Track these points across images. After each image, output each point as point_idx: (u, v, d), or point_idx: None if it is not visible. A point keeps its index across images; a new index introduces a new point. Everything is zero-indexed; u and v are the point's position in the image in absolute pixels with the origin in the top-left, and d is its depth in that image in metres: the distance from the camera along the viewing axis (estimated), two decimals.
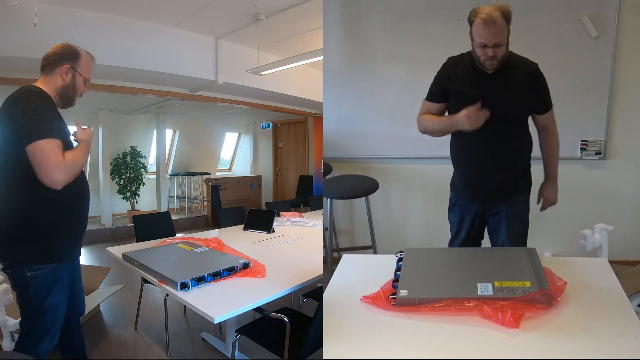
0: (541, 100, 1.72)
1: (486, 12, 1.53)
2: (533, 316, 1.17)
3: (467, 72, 1.69)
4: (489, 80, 1.65)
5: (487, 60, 1.59)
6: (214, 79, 4.26)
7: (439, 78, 1.76)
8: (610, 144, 2.85)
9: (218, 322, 1.44)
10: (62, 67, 1.57)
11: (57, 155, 1.37)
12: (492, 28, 1.53)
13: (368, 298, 1.31)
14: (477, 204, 1.80)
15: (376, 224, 3.04)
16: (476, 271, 1.38)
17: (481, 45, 1.57)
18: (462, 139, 1.76)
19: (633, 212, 2.91)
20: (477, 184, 1.77)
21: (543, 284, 1.24)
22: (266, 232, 2.86)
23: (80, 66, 1.62)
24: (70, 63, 1.59)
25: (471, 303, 1.22)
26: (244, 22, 3.72)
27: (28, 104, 1.41)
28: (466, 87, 1.68)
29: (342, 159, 3.19)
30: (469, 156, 1.78)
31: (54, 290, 1.51)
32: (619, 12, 2.64)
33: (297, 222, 3.24)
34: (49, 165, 1.34)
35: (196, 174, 7.42)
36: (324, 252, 2.70)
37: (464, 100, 1.65)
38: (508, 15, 1.55)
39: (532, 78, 1.66)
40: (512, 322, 1.13)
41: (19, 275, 1.45)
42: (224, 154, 8.87)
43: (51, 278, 1.49)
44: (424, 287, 1.32)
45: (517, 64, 1.66)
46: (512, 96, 1.66)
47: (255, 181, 7.68)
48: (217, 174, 8.46)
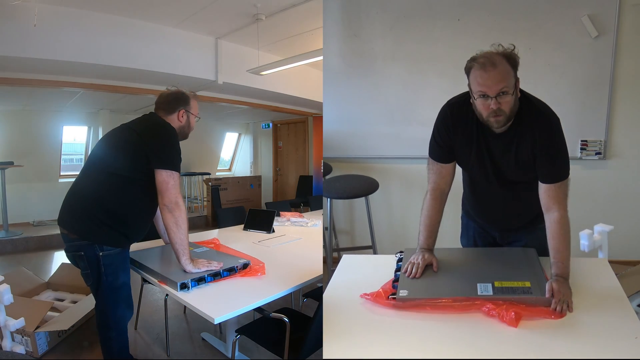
0: (547, 162, 1.33)
1: (485, 55, 1.27)
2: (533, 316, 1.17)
3: (471, 128, 1.39)
4: (495, 142, 1.38)
5: (491, 117, 1.29)
6: (214, 79, 4.27)
7: (442, 134, 1.44)
8: (610, 144, 2.85)
9: (218, 322, 1.44)
10: (179, 112, 1.90)
11: (178, 189, 1.74)
12: (493, 72, 1.25)
13: (368, 295, 1.31)
14: (493, 232, 1.65)
15: (376, 224, 3.04)
16: (476, 271, 1.38)
17: (481, 96, 1.28)
18: (471, 188, 1.59)
19: (633, 212, 2.91)
20: (493, 222, 1.63)
21: (543, 285, 1.24)
22: (266, 232, 2.86)
23: (192, 107, 1.96)
24: (184, 107, 1.92)
25: (471, 303, 1.22)
26: (244, 22, 3.72)
27: (171, 136, 1.79)
28: (470, 148, 1.41)
29: (342, 159, 3.19)
30: (480, 201, 1.61)
31: (124, 269, 1.79)
32: (619, 12, 2.64)
33: (297, 222, 3.24)
34: (174, 193, 1.70)
35: (196, 174, 7.42)
36: (324, 252, 2.70)
37: (468, 161, 1.45)
38: (513, 59, 1.28)
39: (544, 133, 1.32)
40: (512, 322, 1.13)
41: (92, 255, 1.69)
42: (224, 154, 8.87)
43: (120, 258, 1.76)
44: (424, 287, 1.32)
45: (531, 116, 1.33)
46: (521, 164, 1.37)
47: (255, 181, 7.68)
48: (217, 174, 8.46)
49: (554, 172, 1.34)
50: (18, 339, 2.24)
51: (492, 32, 2.71)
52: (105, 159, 1.78)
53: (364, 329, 1.18)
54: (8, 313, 2.07)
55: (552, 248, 1.32)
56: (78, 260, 1.73)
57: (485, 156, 1.41)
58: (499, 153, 1.39)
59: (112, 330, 1.79)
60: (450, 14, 2.77)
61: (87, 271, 1.73)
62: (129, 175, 1.72)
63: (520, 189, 1.46)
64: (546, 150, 1.32)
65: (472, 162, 1.45)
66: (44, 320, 2.38)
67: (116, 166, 1.72)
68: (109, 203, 1.71)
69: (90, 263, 1.70)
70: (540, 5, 2.67)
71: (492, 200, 1.54)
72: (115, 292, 1.75)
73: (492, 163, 1.42)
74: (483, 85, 1.27)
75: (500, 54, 1.28)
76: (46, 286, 3.02)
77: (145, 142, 1.72)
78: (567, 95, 2.75)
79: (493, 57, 1.26)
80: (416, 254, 1.46)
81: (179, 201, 1.71)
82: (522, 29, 2.71)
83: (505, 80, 1.26)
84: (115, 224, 1.72)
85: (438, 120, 1.46)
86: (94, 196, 1.72)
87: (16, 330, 2.18)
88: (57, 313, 2.59)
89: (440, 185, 1.50)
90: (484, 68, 1.26)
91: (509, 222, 1.59)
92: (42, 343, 2.28)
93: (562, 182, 1.33)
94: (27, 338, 2.24)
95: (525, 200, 1.47)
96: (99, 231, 1.69)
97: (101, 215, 1.70)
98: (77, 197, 1.77)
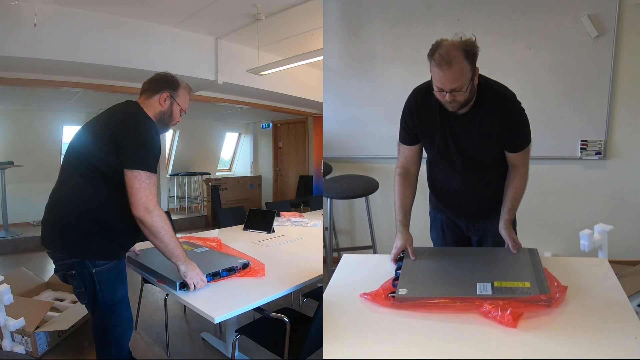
0: (514, 138, 1.47)
1: (442, 51, 1.30)
2: (533, 316, 1.17)
3: (434, 112, 1.49)
4: (458, 122, 1.47)
5: (447, 104, 1.40)
6: (214, 79, 4.26)
7: (407, 119, 1.55)
8: (610, 144, 2.85)
9: (218, 322, 1.44)
10: (162, 94, 1.67)
11: (151, 191, 1.49)
12: (448, 72, 1.30)
13: (367, 295, 1.31)
14: (460, 222, 1.71)
15: (376, 224, 3.04)
16: (476, 271, 1.38)
17: (438, 89, 1.36)
18: (436, 174, 1.66)
19: (633, 212, 2.90)
20: (457, 208, 1.68)
21: (543, 286, 1.24)
22: (266, 232, 2.86)
23: (179, 96, 1.72)
24: (170, 91, 1.69)
25: (470, 303, 1.22)
26: (244, 22, 3.72)
27: (145, 130, 1.53)
28: (434, 130, 1.51)
29: (342, 159, 3.19)
30: (445, 187, 1.67)
31: (121, 282, 1.61)
32: (619, 12, 2.64)
33: (297, 222, 3.24)
34: (142, 198, 1.46)
35: (196, 174, 7.42)
36: (324, 252, 2.70)
37: (433, 144, 1.54)
38: (472, 53, 1.32)
39: (507, 115, 1.43)
40: (511, 322, 1.13)
41: (85, 272, 1.51)
42: (224, 154, 8.87)
43: (115, 272, 1.57)
44: (424, 286, 1.32)
45: (490, 100, 1.43)
46: (485, 139, 1.47)
47: (255, 181, 7.68)
48: (217, 174, 8.46)
49: (519, 142, 1.49)
50: (18, 339, 2.24)
51: (492, 32, 2.71)
52: (80, 161, 1.53)
53: (364, 329, 1.18)
54: (8, 313, 2.07)
55: (510, 196, 1.53)
56: (70, 279, 1.54)
57: (449, 137, 1.50)
58: (463, 131, 1.48)
59: (112, 348, 1.62)
60: (450, 14, 2.77)
61: (80, 289, 1.54)
62: (110, 176, 1.49)
63: (481, 171, 1.56)
64: (511, 127, 1.45)
65: (436, 143, 1.54)
66: (44, 320, 2.38)
67: (91, 168, 1.50)
68: (91, 212, 1.49)
69: (84, 281, 1.52)
70: (540, 6, 2.67)
71: (456, 184, 1.62)
72: (114, 308, 1.58)
73: (455, 143, 1.50)
74: (439, 81, 1.35)
75: (459, 48, 1.30)
76: (46, 286, 3.02)
77: (117, 138, 1.48)
78: (567, 95, 2.75)
79: (450, 55, 1.29)
80: (396, 237, 1.58)
81: (150, 206, 1.47)
82: (522, 29, 2.70)
83: (460, 80, 1.32)
84: (104, 233, 1.51)
85: (405, 107, 1.56)
86: (74, 206, 1.50)
87: (16, 330, 2.18)
88: (57, 313, 2.59)
89: (405, 165, 1.62)
90: (440, 67, 1.31)
91: (472, 207, 1.64)
92: (42, 343, 2.28)
93: (525, 149, 1.50)
94: (27, 338, 2.24)
95: (487, 183, 1.58)
96: (87, 245, 1.50)
97: (87, 225, 1.49)
98: (57, 209, 1.54)
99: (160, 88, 1.67)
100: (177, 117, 1.73)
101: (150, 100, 1.66)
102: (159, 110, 1.66)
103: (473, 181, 1.59)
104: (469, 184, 1.59)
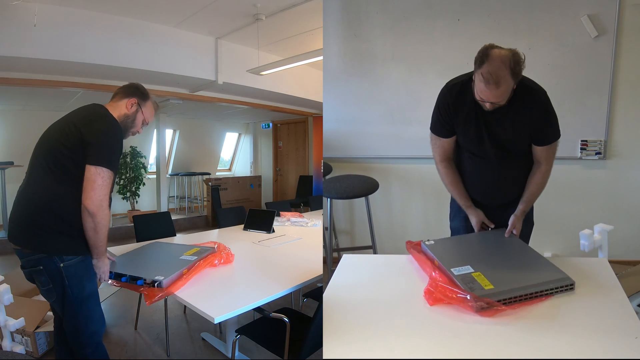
0: (543, 130, 1.56)
1: (491, 69, 1.34)
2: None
3: (469, 107, 1.55)
4: (492, 115, 1.53)
5: (485, 105, 1.48)
6: (214, 79, 4.26)
7: (443, 112, 1.62)
8: (610, 144, 2.85)
9: (218, 322, 1.44)
10: (130, 99, 1.71)
11: (108, 190, 1.53)
12: (495, 92, 1.38)
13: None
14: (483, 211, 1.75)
15: (376, 224, 3.04)
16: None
17: (480, 99, 1.45)
18: (467, 163, 1.72)
19: (633, 212, 2.91)
20: (486, 198, 1.74)
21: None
22: (266, 232, 2.86)
23: (146, 106, 1.76)
24: (139, 99, 1.73)
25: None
26: (244, 22, 3.72)
27: (112, 130, 1.58)
28: (470, 123, 1.58)
29: (342, 159, 3.19)
30: (475, 178, 1.73)
31: (89, 277, 1.61)
32: (619, 12, 2.64)
33: (297, 222, 3.24)
34: (99, 194, 1.49)
35: (196, 174, 7.42)
36: (324, 252, 2.70)
37: (467, 135, 1.61)
38: (518, 72, 1.38)
39: (538, 108, 1.51)
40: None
41: (53, 267, 1.52)
42: (224, 154, 8.87)
43: (83, 266, 1.58)
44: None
45: (524, 94, 1.49)
46: (517, 133, 1.55)
47: (255, 181, 7.68)
48: (217, 174, 8.46)
49: (548, 136, 1.57)
50: (18, 339, 2.24)
51: (492, 32, 2.71)
52: (46, 158, 1.56)
53: (364, 329, 1.18)
54: (8, 313, 2.07)
55: (529, 190, 1.63)
56: (37, 276, 1.55)
57: (483, 128, 1.57)
58: (496, 123, 1.54)
59: (86, 348, 1.62)
60: (450, 14, 2.77)
61: (48, 286, 1.55)
62: (75, 173, 1.51)
63: (512, 161, 1.64)
64: (541, 120, 1.53)
65: (471, 135, 1.61)
66: (44, 320, 2.38)
67: (58, 165, 1.53)
68: (58, 208, 1.52)
69: (52, 277, 1.53)
70: (540, 5, 2.67)
71: (487, 173, 1.68)
72: (84, 304, 1.59)
73: (489, 134, 1.57)
74: (484, 95, 1.41)
75: (507, 65, 1.34)
76: None
77: (84, 134, 1.52)
78: (567, 95, 2.75)
79: (499, 75, 1.34)
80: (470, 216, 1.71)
81: (104, 204, 1.51)
82: (522, 29, 2.71)
83: (504, 97, 1.41)
84: (69, 229, 1.53)
85: (438, 101, 1.63)
86: (41, 203, 1.53)
87: (16, 330, 2.18)
88: None
89: (444, 156, 1.72)
90: (487, 84, 1.36)
91: (502, 194, 1.71)
92: (42, 343, 2.28)
93: (551, 145, 1.58)
94: (27, 338, 2.24)
95: (517, 174, 1.66)
96: (54, 241, 1.52)
97: (53, 223, 1.52)
98: (24, 205, 1.57)
99: (130, 94, 1.72)
100: (138, 125, 1.76)
101: (117, 103, 1.71)
102: (123, 112, 1.70)
103: (504, 171, 1.65)
104: (500, 173, 1.66)
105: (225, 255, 2.01)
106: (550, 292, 1.25)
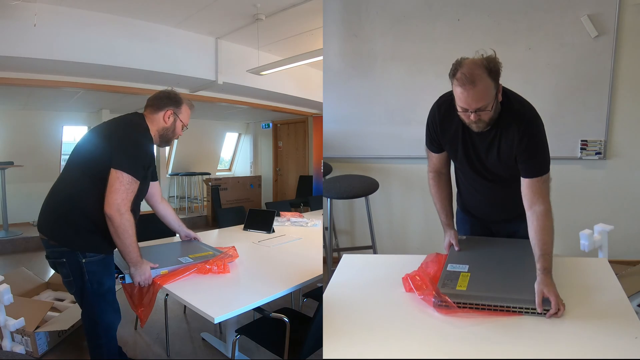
0: (529, 162, 1.38)
1: (465, 70, 1.27)
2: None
3: (457, 126, 1.46)
4: (479, 138, 1.44)
5: (472, 124, 1.37)
6: (214, 79, 4.26)
7: (431, 129, 1.55)
8: (610, 144, 2.85)
9: (218, 322, 1.44)
10: (166, 111, 1.79)
11: (128, 195, 1.58)
12: (472, 92, 1.27)
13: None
14: (488, 224, 1.71)
15: (376, 224, 3.04)
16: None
17: (462, 109, 1.33)
18: (460, 179, 1.66)
19: (633, 212, 2.91)
20: (482, 215, 1.69)
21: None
22: (266, 232, 2.86)
23: (182, 112, 1.83)
24: (173, 108, 1.80)
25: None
26: (244, 22, 3.72)
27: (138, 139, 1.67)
28: (457, 143, 1.50)
29: (342, 159, 3.19)
30: (470, 194, 1.67)
31: (109, 274, 1.71)
32: (619, 12, 2.64)
33: (297, 222, 3.24)
34: (117, 198, 1.54)
35: (196, 174, 7.41)
36: (324, 252, 2.69)
37: (456, 155, 1.54)
38: (495, 70, 1.29)
39: (525, 137, 1.36)
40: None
41: (75, 262, 1.61)
42: (224, 154, 8.86)
43: (103, 264, 1.67)
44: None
45: (511, 120, 1.37)
46: (504, 158, 1.43)
47: (255, 181, 7.68)
48: (217, 174, 8.45)
49: (535, 167, 1.38)
50: (18, 339, 2.24)
51: (492, 32, 2.71)
52: (82, 159, 1.68)
53: (364, 329, 1.18)
54: (8, 313, 2.07)
55: (538, 240, 1.33)
56: (59, 267, 1.65)
57: (471, 152, 1.49)
58: (483, 150, 1.46)
59: (101, 338, 1.72)
60: (450, 14, 2.77)
61: (69, 278, 1.64)
62: (103, 175, 1.58)
63: (508, 183, 1.50)
64: (526, 147, 1.37)
65: (459, 157, 1.53)
66: (44, 320, 2.38)
67: (91, 167, 1.62)
68: (87, 207, 1.60)
69: (73, 270, 1.62)
70: (540, 5, 2.67)
71: (479, 193, 1.61)
72: (101, 298, 1.68)
73: (478, 159, 1.49)
74: (463, 102, 1.31)
75: (481, 66, 1.28)
76: (46, 286, 3.02)
77: (112, 139, 1.63)
78: (567, 95, 2.75)
79: (473, 74, 1.26)
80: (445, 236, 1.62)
81: (122, 209, 1.55)
82: (522, 29, 2.70)
83: (484, 99, 1.29)
84: (96, 229, 1.61)
85: (429, 118, 1.56)
86: (72, 200, 1.62)
87: (16, 330, 2.18)
88: (57, 313, 2.59)
89: (436, 169, 1.64)
90: (463, 86, 1.28)
91: (501, 213, 1.64)
92: (42, 343, 2.28)
93: (543, 177, 1.38)
94: (27, 338, 2.24)
95: (510, 195, 1.50)
96: (79, 238, 1.60)
97: (80, 220, 1.60)
98: (55, 201, 1.67)
99: (164, 105, 1.79)
100: (179, 131, 1.85)
101: (154, 115, 1.79)
102: (162, 126, 1.79)
103: (496, 192, 1.57)
104: (492, 194, 1.58)
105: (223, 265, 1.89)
106: (519, 310, 1.19)
